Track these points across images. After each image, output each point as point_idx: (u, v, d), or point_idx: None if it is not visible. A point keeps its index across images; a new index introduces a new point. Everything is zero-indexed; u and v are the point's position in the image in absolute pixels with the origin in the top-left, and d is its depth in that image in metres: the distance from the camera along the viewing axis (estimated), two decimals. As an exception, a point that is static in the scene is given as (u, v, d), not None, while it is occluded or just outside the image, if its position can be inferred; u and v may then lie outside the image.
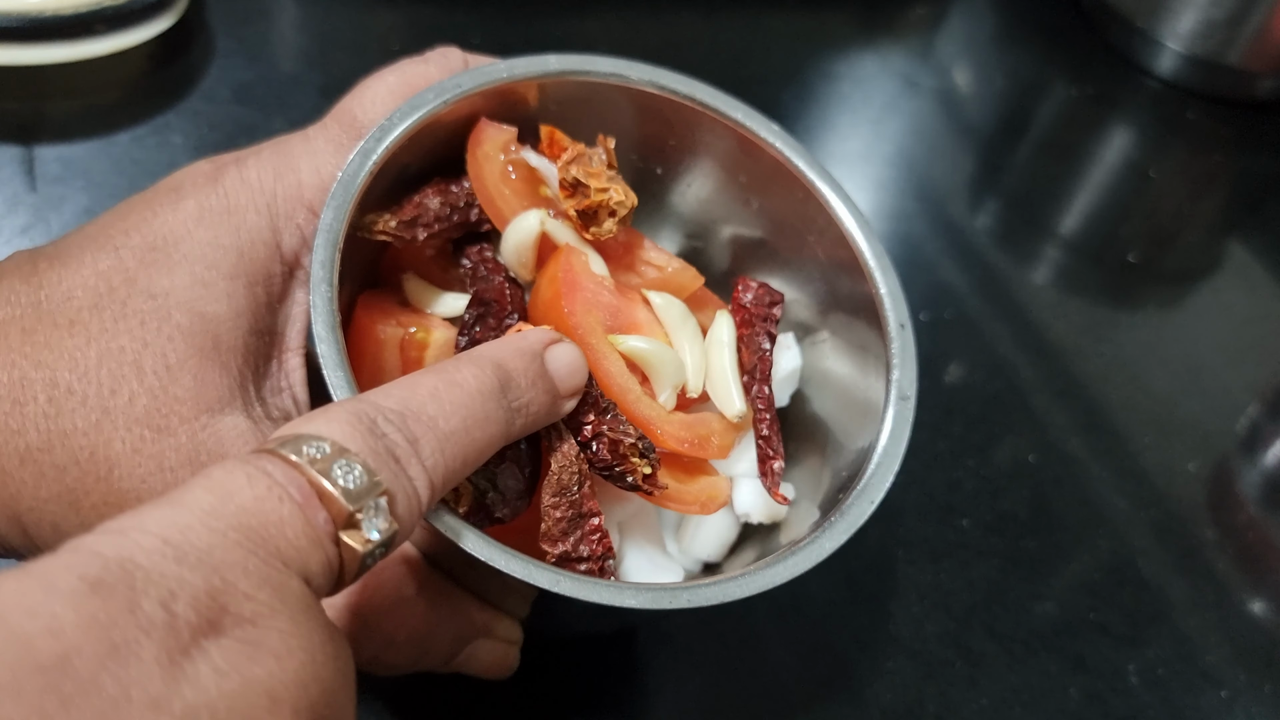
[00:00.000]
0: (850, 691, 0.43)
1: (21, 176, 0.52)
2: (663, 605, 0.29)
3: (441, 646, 0.33)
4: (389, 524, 0.23)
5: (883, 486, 0.32)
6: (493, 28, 0.68)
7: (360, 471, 0.23)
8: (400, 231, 0.34)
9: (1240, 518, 0.54)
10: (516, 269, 0.36)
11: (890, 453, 0.33)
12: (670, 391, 0.35)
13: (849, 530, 0.31)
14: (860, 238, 0.36)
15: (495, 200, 0.35)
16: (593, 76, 0.36)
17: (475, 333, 0.33)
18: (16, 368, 0.28)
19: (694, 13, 0.74)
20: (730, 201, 0.40)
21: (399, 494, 0.24)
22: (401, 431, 0.25)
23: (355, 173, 0.32)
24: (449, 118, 0.35)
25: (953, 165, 0.70)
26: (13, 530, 0.29)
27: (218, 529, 0.21)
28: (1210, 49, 0.75)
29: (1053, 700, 0.44)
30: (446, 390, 0.26)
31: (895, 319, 0.35)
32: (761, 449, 0.36)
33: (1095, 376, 0.58)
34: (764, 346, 0.37)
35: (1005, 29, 0.82)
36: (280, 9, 0.65)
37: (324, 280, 0.30)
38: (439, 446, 0.25)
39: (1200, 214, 0.74)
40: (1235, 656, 0.47)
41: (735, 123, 0.37)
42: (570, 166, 0.35)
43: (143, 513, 0.21)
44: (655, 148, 0.39)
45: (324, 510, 0.22)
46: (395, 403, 0.25)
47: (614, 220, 0.35)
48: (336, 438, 0.23)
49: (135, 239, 0.30)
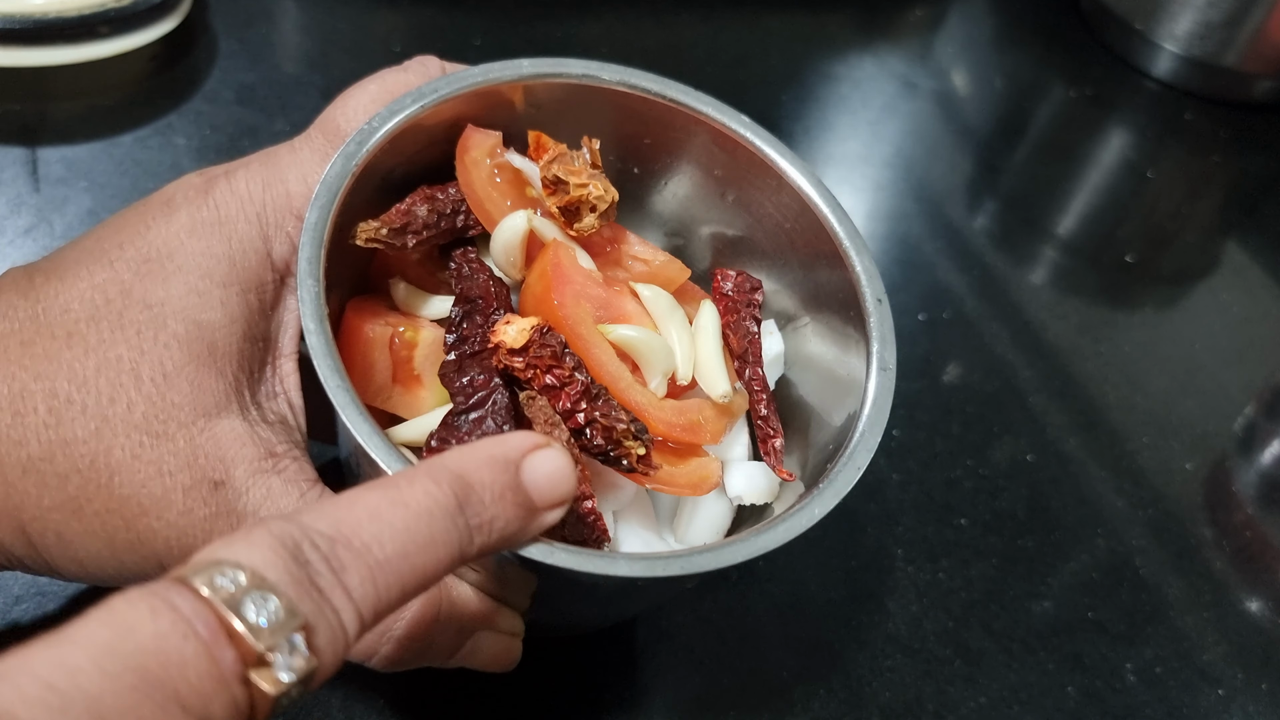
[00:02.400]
0: (849, 690, 0.43)
1: (25, 177, 0.52)
2: (656, 573, 0.29)
3: (444, 640, 0.33)
4: (306, 662, 0.21)
5: (868, 452, 0.33)
6: (493, 29, 0.68)
7: (276, 605, 0.21)
8: (390, 239, 0.35)
9: (1237, 517, 0.54)
10: (505, 268, 0.37)
11: (874, 421, 0.34)
12: (660, 378, 0.36)
13: (838, 496, 0.31)
14: (833, 219, 0.37)
15: (484, 203, 0.36)
16: (566, 78, 0.37)
17: (463, 329, 0.34)
18: (16, 380, 0.29)
19: (693, 14, 0.74)
20: (707, 196, 0.41)
21: (321, 627, 0.22)
22: (328, 559, 0.23)
23: (338, 175, 0.32)
24: (429, 122, 0.35)
25: (951, 166, 0.71)
26: (17, 541, 0.29)
27: (111, 671, 0.19)
28: (1208, 51, 0.76)
29: (1051, 698, 0.45)
30: (389, 510, 0.24)
31: (872, 295, 0.36)
32: (761, 428, 0.37)
33: (1093, 376, 0.59)
34: (751, 329, 0.38)
35: (1003, 31, 0.83)
36: (282, 11, 0.65)
37: (310, 275, 0.30)
38: (369, 575, 0.23)
39: (1198, 215, 0.74)
40: (1232, 655, 0.48)
41: (707, 117, 0.38)
42: (551, 165, 0.36)
43: (32, 653, 0.19)
44: (632, 148, 0.40)
45: (232, 649, 0.20)
46: (327, 525, 0.23)
47: (595, 215, 0.36)
48: (256, 565, 0.21)
49: (129, 251, 0.31)
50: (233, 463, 0.30)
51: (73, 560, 0.30)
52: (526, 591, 0.34)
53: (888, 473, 0.51)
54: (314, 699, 0.39)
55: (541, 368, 0.32)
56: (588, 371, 0.33)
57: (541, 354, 0.32)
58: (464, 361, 0.33)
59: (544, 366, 0.32)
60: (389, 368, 0.35)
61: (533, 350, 0.32)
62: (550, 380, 0.32)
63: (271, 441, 0.31)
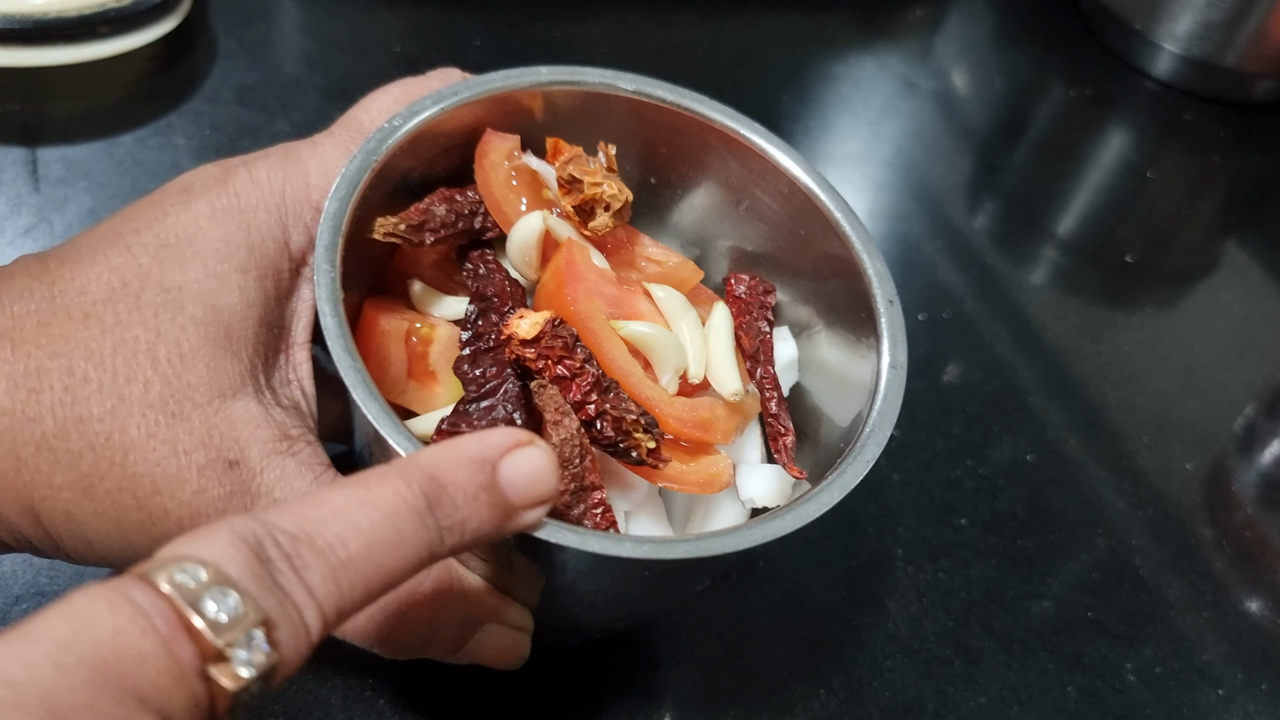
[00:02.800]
0: (849, 690, 0.43)
1: (25, 177, 0.52)
2: (661, 555, 0.29)
3: (449, 627, 0.33)
4: (267, 657, 0.21)
5: (878, 446, 0.33)
6: (493, 29, 0.68)
7: (236, 600, 0.21)
8: (408, 234, 0.35)
9: (1237, 517, 0.54)
10: (521, 268, 0.37)
11: (884, 416, 0.34)
12: (672, 374, 0.36)
13: (846, 488, 0.32)
14: (844, 223, 0.37)
15: (501, 204, 0.37)
16: (583, 86, 0.38)
17: (478, 326, 0.34)
18: (32, 358, 0.29)
19: (694, 14, 0.74)
20: (722, 205, 0.41)
21: (283, 623, 0.22)
22: (290, 557, 0.23)
23: (358, 170, 0.33)
24: (448, 126, 0.36)
25: (951, 166, 0.71)
26: (25, 520, 0.29)
27: (66, 666, 0.19)
28: (1207, 50, 0.76)
29: (1050, 698, 0.45)
30: (355, 509, 0.24)
31: (883, 296, 0.36)
32: (772, 426, 0.37)
33: (1093, 376, 0.59)
34: (763, 330, 0.39)
35: (1003, 31, 0.83)
36: (282, 11, 0.65)
37: (327, 260, 0.31)
38: (331, 574, 0.23)
39: (1198, 215, 0.74)
40: (1232, 655, 0.48)
41: (719, 124, 0.39)
42: (567, 165, 0.36)
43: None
44: (648, 158, 0.41)
45: (191, 644, 0.20)
46: (291, 523, 0.23)
47: (609, 214, 0.36)
48: (217, 561, 0.21)
49: (146, 237, 0.31)
50: (248, 443, 0.30)
51: (81, 541, 0.30)
52: (535, 585, 0.34)
53: (888, 473, 0.51)
54: (314, 699, 0.39)
55: (553, 358, 0.32)
56: (599, 365, 0.33)
57: (553, 345, 0.32)
58: (478, 356, 0.33)
59: (555, 357, 0.32)
60: (404, 361, 0.35)
61: (544, 341, 0.32)
62: (561, 371, 0.32)
63: (286, 424, 0.31)
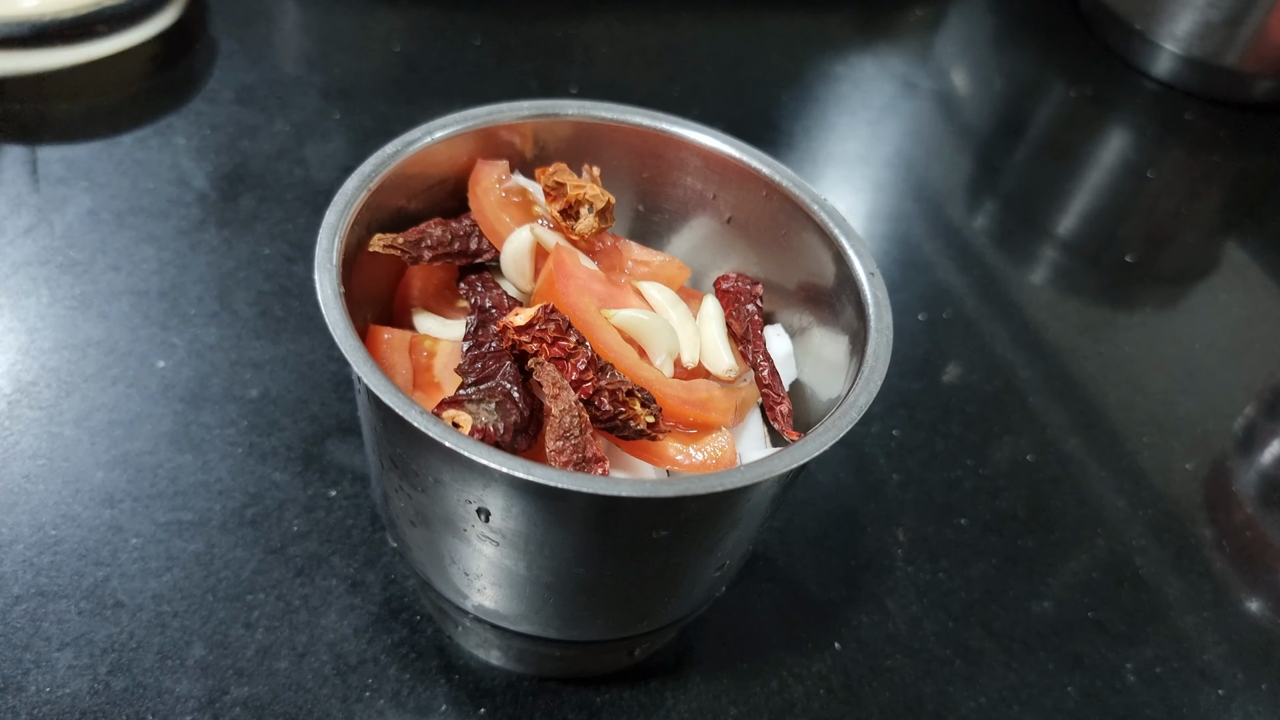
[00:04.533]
0: (849, 690, 0.43)
1: (25, 177, 0.52)
2: (660, 494, 0.29)
3: None
4: None
5: (871, 393, 0.34)
6: (493, 29, 0.68)
7: None
8: (405, 248, 0.37)
9: (1237, 517, 0.54)
10: (516, 280, 0.39)
11: (875, 370, 0.35)
12: (665, 356, 0.37)
13: (841, 431, 0.32)
14: (818, 209, 0.39)
15: (494, 225, 0.39)
16: (564, 117, 0.41)
17: (479, 336, 0.36)
18: None
19: (693, 15, 0.74)
20: (708, 222, 0.43)
21: None
22: None
23: (355, 189, 0.35)
24: (439, 157, 0.38)
25: (951, 166, 0.71)
26: None
27: None
28: (1208, 51, 0.76)
29: (1050, 698, 0.45)
30: None
31: (864, 268, 0.37)
32: (767, 396, 0.38)
33: (1093, 376, 0.59)
34: (751, 312, 0.40)
35: (1003, 31, 0.83)
36: (282, 11, 0.65)
37: (325, 264, 0.32)
38: None
39: (1198, 215, 0.74)
40: (1232, 655, 0.48)
41: (692, 141, 0.41)
42: (552, 175, 0.38)
43: None
44: (633, 184, 0.43)
45: None
46: None
47: (593, 214, 0.38)
48: None
49: None
50: None
51: None
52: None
53: (888, 473, 0.51)
54: (314, 699, 0.39)
55: (547, 340, 0.33)
56: (594, 349, 0.34)
57: (546, 328, 0.33)
58: (477, 359, 0.35)
59: (549, 339, 0.33)
60: (409, 370, 0.36)
61: (538, 325, 0.33)
62: (556, 353, 0.33)
63: None
